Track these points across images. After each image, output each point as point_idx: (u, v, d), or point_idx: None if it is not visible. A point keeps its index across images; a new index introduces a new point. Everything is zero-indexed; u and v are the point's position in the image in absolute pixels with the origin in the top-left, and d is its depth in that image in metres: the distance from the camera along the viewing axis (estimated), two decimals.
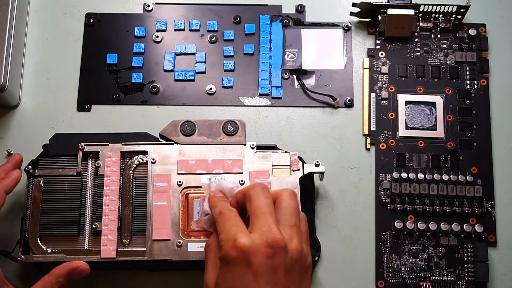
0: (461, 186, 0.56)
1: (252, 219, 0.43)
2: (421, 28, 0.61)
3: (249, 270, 0.40)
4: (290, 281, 0.41)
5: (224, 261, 0.41)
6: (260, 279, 0.40)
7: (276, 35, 0.62)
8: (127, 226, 0.51)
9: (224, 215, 0.45)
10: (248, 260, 0.40)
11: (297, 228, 0.44)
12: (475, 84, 0.60)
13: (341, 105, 0.60)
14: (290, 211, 0.44)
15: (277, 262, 0.41)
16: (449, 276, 0.55)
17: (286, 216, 0.44)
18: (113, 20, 0.62)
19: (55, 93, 0.60)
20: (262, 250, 0.40)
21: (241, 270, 0.40)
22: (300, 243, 0.43)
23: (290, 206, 0.45)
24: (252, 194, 0.45)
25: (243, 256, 0.40)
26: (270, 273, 0.40)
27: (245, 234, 0.41)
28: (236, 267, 0.41)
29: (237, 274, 0.40)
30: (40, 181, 0.53)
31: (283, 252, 0.41)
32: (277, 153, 0.54)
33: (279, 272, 0.40)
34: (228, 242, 0.41)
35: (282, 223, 0.44)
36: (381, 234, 0.56)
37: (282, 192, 0.46)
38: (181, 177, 0.52)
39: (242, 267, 0.40)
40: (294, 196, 0.46)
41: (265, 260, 0.40)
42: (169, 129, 0.54)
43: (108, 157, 0.53)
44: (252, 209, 0.44)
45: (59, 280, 0.48)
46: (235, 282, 0.40)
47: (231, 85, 0.60)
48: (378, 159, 0.58)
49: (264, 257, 0.40)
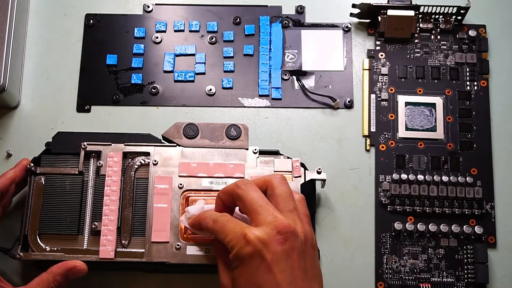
0: (461, 188, 0.56)
1: (252, 216, 0.43)
2: (421, 29, 0.61)
3: (265, 262, 0.40)
4: (304, 263, 0.42)
5: (238, 259, 0.42)
6: (277, 267, 0.40)
7: (276, 36, 0.62)
8: (126, 227, 0.52)
9: (220, 220, 0.45)
10: (262, 252, 0.41)
11: (296, 211, 0.44)
12: (475, 85, 0.60)
13: (341, 106, 0.60)
14: (285, 197, 0.45)
15: (289, 247, 0.41)
16: (449, 278, 0.55)
17: (283, 203, 0.44)
18: (113, 21, 0.62)
19: (55, 94, 0.60)
20: (274, 239, 0.41)
21: (256, 263, 0.41)
22: (303, 225, 0.43)
23: (284, 192, 0.45)
24: (240, 193, 0.45)
25: (257, 249, 0.41)
26: (285, 259, 0.41)
27: (253, 228, 0.42)
28: (252, 262, 0.41)
29: (253, 268, 0.41)
30: (41, 179, 0.53)
31: (293, 236, 0.42)
32: (279, 159, 0.54)
33: (293, 256, 0.41)
34: (239, 240, 0.41)
35: (281, 210, 0.44)
36: (381, 236, 0.56)
37: (271, 179, 0.46)
38: (182, 179, 0.52)
39: (257, 260, 0.41)
40: (284, 181, 0.46)
41: (279, 248, 0.41)
42: (172, 131, 0.54)
43: (110, 157, 0.53)
44: (248, 207, 0.44)
45: (56, 278, 0.48)
46: (253, 276, 0.41)
47: (230, 86, 0.60)
48: (378, 160, 0.58)
49: (277, 245, 0.41)
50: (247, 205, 0.44)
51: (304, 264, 0.42)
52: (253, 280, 0.41)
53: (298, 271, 0.41)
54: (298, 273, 0.41)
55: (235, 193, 0.45)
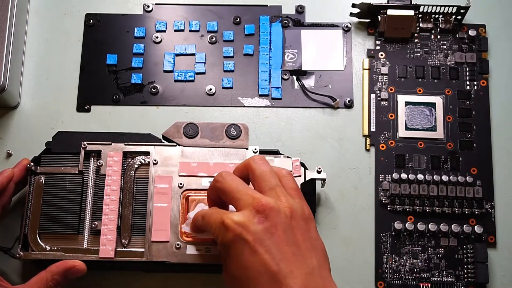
0: (460, 187, 0.56)
1: (234, 204, 0.43)
2: (421, 28, 0.61)
3: (248, 244, 0.40)
4: (293, 237, 0.41)
5: (223, 247, 0.41)
6: (261, 246, 0.39)
7: (276, 35, 0.62)
8: (126, 227, 0.52)
9: (207, 214, 0.45)
10: (243, 235, 0.40)
11: (279, 187, 0.43)
12: (475, 85, 0.60)
13: (341, 106, 0.60)
14: (265, 176, 0.44)
15: (271, 224, 0.40)
16: (449, 277, 0.55)
17: (263, 182, 0.43)
18: (113, 21, 0.62)
19: (55, 93, 0.60)
20: (253, 220, 0.40)
21: (240, 248, 0.40)
22: (288, 199, 0.42)
23: (263, 171, 0.44)
24: (219, 186, 0.44)
25: (237, 233, 0.40)
26: (269, 237, 0.40)
27: (230, 213, 0.41)
28: (235, 247, 0.40)
29: (238, 253, 0.40)
30: (41, 179, 0.53)
31: (274, 213, 0.40)
32: (279, 158, 0.54)
33: (277, 233, 0.40)
34: (220, 229, 0.41)
35: (263, 189, 0.43)
36: (381, 235, 0.56)
37: (249, 162, 0.45)
38: (182, 179, 0.52)
39: (240, 244, 0.40)
40: (262, 160, 0.45)
41: (259, 227, 0.40)
42: (172, 130, 0.54)
43: (110, 157, 0.53)
44: (229, 197, 0.43)
45: (54, 277, 0.48)
46: (240, 261, 0.40)
47: (230, 86, 0.60)
48: (378, 160, 0.58)
49: (258, 224, 0.40)
50: (228, 196, 0.43)
51: (293, 239, 0.41)
52: (241, 265, 0.40)
53: (287, 247, 0.40)
54: (288, 248, 0.40)
55: (216, 188, 0.45)
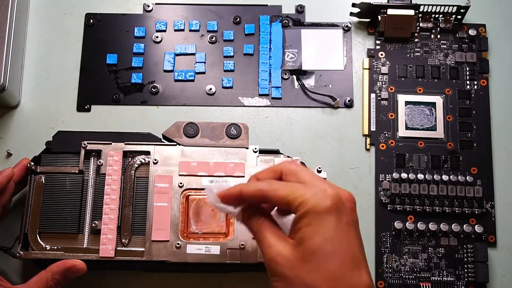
0: (461, 187, 0.56)
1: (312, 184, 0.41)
2: (421, 28, 0.61)
3: (342, 221, 0.39)
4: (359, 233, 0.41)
5: (313, 214, 0.39)
6: (356, 228, 0.40)
7: (276, 35, 0.62)
8: (126, 226, 0.52)
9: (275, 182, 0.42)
10: (341, 210, 0.39)
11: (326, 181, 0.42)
12: (475, 85, 0.60)
13: (341, 106, 0.60)
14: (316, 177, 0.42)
15: (355, 216, 0.41)
16: (449, 277, 0.55)
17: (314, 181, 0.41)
18: (113, 21, 0.62)
19: (55, 93, 0.60)
20: (347, 204, 0.40)
21: (335, 220, 0.39)
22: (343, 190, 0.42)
23: (311, 174, 0.42)
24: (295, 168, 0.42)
25: (336, 206, 0.39)
26: (355, 224, 0.40)
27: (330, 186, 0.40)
28: (330, 217, 0.39)
29: (332, 224, 0.39)
30: (41, 178, 0.53)
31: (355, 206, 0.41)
32: (279, 158, 0.54)
33: (357, 227, 0.41)
34: (317, 194, 0.39)
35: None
36: (381, 235, 0.56)
37: (282, 167, 0.43)
38: (183, 178, 0.52)
39: (336, 217, 0.39)
40: (294, 163, 0.44)
41: (351, 212, 0.40)
42: (172, 130, 0.54)
43: (111, 156, 0.53)
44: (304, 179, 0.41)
45: (54, 277, 0.48)
46: (331, 232, 0.39)
47: (231, 86, 0.60)
48: (378, 160, 0.58)
49: (350, 210, 0.40)
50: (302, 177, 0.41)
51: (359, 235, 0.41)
52: (332, 236, 0.39)
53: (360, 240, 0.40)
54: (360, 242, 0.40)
55: (288, 169, 0.42)
